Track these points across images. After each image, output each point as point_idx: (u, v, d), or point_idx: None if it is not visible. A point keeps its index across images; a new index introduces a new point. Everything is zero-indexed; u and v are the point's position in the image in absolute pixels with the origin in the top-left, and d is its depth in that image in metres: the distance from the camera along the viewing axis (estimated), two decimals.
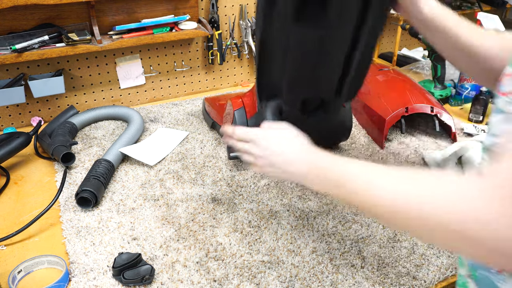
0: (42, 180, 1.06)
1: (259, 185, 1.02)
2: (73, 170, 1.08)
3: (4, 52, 1.15)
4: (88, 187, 0.93)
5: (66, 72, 1.33)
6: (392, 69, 1.43)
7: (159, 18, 1.34)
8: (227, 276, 0.77)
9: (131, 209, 0.95)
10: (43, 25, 1.23)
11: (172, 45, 1.45)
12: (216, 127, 1.24)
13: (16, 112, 1.32)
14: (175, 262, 0.80)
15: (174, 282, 0.76)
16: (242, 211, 0.94)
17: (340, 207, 0.95)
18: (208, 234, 0.87)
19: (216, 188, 1.02)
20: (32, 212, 0.94)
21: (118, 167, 1.09)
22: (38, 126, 1.14)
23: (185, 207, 0.95)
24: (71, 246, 0.84)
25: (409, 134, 1.24)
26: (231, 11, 1.50)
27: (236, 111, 1.07)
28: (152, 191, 1.00)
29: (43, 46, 1.19)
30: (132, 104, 1.47)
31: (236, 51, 1.56)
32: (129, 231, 0.88)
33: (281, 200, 0.97)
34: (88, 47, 1.22)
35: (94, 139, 1.22)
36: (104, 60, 1.37)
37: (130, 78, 1.43)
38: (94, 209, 0.94)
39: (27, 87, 1.23)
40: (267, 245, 0.84)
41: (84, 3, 1.24)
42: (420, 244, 0.85)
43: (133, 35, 1.30)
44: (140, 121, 1.25)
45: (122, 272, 0.75)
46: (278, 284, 0.76)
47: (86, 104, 1.41)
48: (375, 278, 0.78)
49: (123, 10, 1.31)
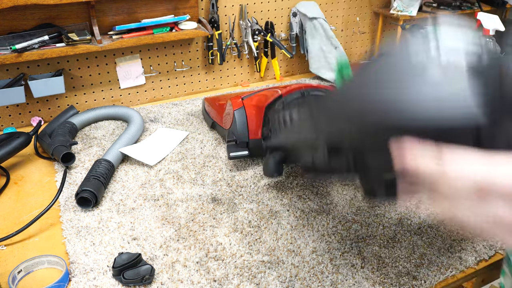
0: (42, 180, 1.06)
1: (259, 185, 1.02)
2: (73, 170, 1.08)
3: (4, 52, 1.15)
4: (88, 187, 0.93)
5: (66, 72, 1.33)
6: None
7: (159, 18, 1.34)
8: (227, 276, 0.77)
9: (131, 209, 0.95)
10: (43, 25, 1.23)
11: (172, 45, 1.45)
12: (216, 127, 1.24)
13: (16, 112, 1.32)
14: (175, 262, 0.80)
15: (174, 282, 0.76)
16: (242, 211, 0.94)
17: (340, 207, 0.95)
18: (208, 234, 0.87)
19: (216, 188, 1.02)
20: (32, 212, 0.94)
21: (118, 167, 1.09)
22: (38, 126, 1.14)
23: (185, 207, 0.95)
24: (71, 246, 0.84)
25: None
26: (231, 11, 1.50)
27: (236, 111, 1.07)
28: (152, 191, 1.00)
29: (43, 46, 1.19)
30: (132, 104, 1.47)
31: (236, 51, 1.56)
32: (129, 231, 0.88)
33: (281, 200, 0.97)
34: (88, 47, 1.22)
35: (94, 139, 1.22)
36: (104, 60, 1.37)
37: (130, 78, 1.43)
38: (94, 209, 0.94)
39: (27, 87, 1.23)
40: (267, 245, 0.84)
41: (84, 3, 1.24)
42: (420, 244, 0.85)
43: (133, 35, 1.30)
44: (140, 121, 1.25)
45: (122, 272, 0.75)
46: (278, 284, 0.76)
47: (86, 104, 1.41)
48: (375, 278, 0.78)
49: (123, 10, 1.31)
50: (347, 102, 0.51)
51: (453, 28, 0.45)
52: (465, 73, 0.41)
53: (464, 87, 0.40)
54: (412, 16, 1.65)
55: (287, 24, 1.63)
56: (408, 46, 0.45)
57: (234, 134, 1.07)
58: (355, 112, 0.49)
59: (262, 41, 1.58)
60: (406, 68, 0.45)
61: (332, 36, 1.61)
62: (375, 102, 0.45)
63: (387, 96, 0.44)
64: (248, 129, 1.06)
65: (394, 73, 0.45)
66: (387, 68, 0.47)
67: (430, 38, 0.44)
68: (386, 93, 0.44)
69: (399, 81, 0.44)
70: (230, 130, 1.09)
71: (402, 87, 0.43)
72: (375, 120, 0.45)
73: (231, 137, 1.08)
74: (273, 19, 1.58)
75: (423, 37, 0.44)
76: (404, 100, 0.42)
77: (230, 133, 1.09)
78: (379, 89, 0.46)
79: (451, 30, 0.45)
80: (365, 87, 0.48)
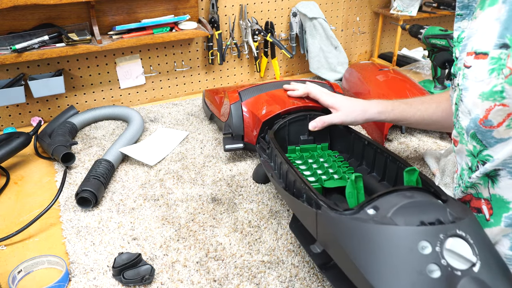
0: (42, 180, 1.06)
1: (259, 185, 1.02)
2: (73, 170, 1.08)
3: (4, 52, 1.15)
4: (88, 187, 0.93)
5: (66, 72, 1.33)
6: (392, 69, 1.43)
7: (159, 18, 1.34)
8: (227, 276, 0.77)
9: (131, 209, 0.95)
10: (43, 25, 1.23)
11: (172, 45, 1.45)
12: (215, 119, 1.26)
13: (16, 112, 1.32)
14: (175, 262, 0.80)
15: (174, 282, 0.76)
16: (242, 211, 0.94)
17: None
18: (208, 234, 0.87)
19: (216, 188, 1.02)
20: (32, 212, 0.94)
21: (118, 167, 1.09)
22: (38, 126, 1.14)
23: (185, 207, 0.95)
24: (71, 246, 0.84)
25: (409, 134, 1.24)
26: (231, 11, 1.50)
27: (232, 105, 1.08)
28: (152, 191, 1.00)
29: (43, 46, 1.19)
30: (132, 104, 1.47)
31: (236, 51, 1.56)
32: (129, 231, 0.88)
33: (281, 200, 0.97)
34: (88, 47, 1.22)
35: (94, 139, 1.22)
36: (104, 60, 1.37)
37: (130, 78, 1.43)
38: (94, 209, 0.94)
39: (27, 87, 1.23)
40: (267, 245, 0.84)
41: (84, 3, 1.24)
42: None
43: (133, 35, 1.30)
44: (140, 121, 1.25)
45: (122, 272, 0.75)
46: (278, 284, 0.76)
47: (86, 104, 1.41)
48: None
49: (123, 10, 1.31)
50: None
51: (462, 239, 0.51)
52: (456, 283, 0.47)
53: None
54: (412, 16, 1.65)
55: (287, 24, 1.63)
56: (420, 232, 0.50)
57: (230, 127, 1.09)
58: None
59: (262, 41, 1.58)
60: (410, 254, 0.49)
61: (332, 36, 1.61)
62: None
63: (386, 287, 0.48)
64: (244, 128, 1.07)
65: (398, 254, 0.49)
66: (394, 243, 0.50)
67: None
68: (386, 282, 0.48)
69: (400, 266, 0.48)
70: (227, 123, 1.11)
71: (402, 277, 0.48)
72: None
73: (227, 129, 1.10)
74: (273, 19, 1.58)
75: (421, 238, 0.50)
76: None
77: (227, 126, 1.11)
78: (379, 269, 0.50)
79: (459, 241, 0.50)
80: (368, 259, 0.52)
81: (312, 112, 0.99)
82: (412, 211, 0.54)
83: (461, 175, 0.75)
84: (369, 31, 1.84)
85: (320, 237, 0.64)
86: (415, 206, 0.55)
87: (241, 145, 1.07)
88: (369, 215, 0.56)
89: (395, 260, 0.49)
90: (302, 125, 0.98)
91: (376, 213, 0.56)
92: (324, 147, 0.97)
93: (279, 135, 0.97)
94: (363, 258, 0.51)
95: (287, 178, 0.80)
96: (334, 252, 0.60)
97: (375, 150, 0.85)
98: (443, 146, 1.18)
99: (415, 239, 0.49)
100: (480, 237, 0.52)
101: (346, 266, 0.56)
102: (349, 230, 0.55)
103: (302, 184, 0.72)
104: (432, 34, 1.39)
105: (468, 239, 0.50)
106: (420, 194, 0.58)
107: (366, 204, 0.58)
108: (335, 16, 1.71)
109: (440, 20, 1.97)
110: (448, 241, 0.49)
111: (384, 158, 0.81)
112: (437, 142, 1.20)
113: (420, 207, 0.55)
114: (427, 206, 0.56)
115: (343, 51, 1.66)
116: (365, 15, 1.79)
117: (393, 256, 0.49)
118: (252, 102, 1.08)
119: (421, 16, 1.69)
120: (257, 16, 1.55)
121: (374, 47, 1.87)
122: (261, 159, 0.94)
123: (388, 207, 0.55)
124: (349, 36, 1.80)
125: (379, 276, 0.49)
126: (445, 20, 1.99)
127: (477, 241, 0.51)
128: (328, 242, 0.61)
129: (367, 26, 1.82)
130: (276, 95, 1.08)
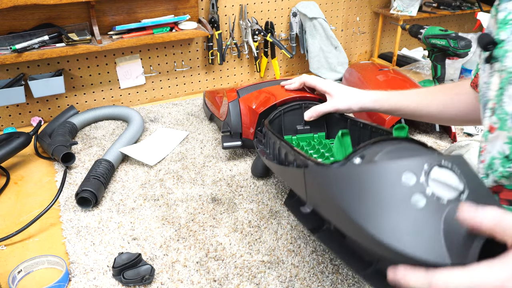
0: (42, 180, 1.06)
1: (259, 185, 1.02)
2: (73, 170, 1.08)
3: (4, 52, 1.15)
4: (88, 187, 0.93)
5: (66, 72, 1.33)
6: (392, 69, 1.43)
7: (159, 18, 1.34)
8: (227, 276, 0.77)
9: (131, 209, 0.95)
10: (43, 25, 1.23)
11: (172, 45, 1.45)
12: (215, 119, 1.27)
13: (16, 112, 1.32)
14: (175, 262, 0.80)
15: (174, 282, 0.76)
16: (242, 211, 0.94)
17: None
18: (208, 234, 0.87)
19: (216, 188, 1.02)
20: (32, 212, 0.94)
21: (118, 167, 1.09)
22: (38, 126, 1.14)
23: (185, 207, 0.95)
24: (71, 246, 0.84)
25: (409, 134, 1.24)
26: (231, 11, 1.50)
27: (231, 103, 1.09)
28: (152, 191, 1.00)
29: (43, 46, 1.19)
30: (132, 104, 1.47)
31: (236, 51, 1.56)
32: (129, 231, 0.88)
33: (281, 200, 0.97)
34: (88, 47, 1.22)
35: (94, 139, 1.22)
36: (104, 60, 1.37)
37: (130, 78, 1.43)
38: (94, 209, 0.94)
39: (27, 87, 1.23)
40: (267, 245, 0.84)
41: (84, 3, 1.24)
42: None
43: (133, 35, 1.30)
44: (140, 121, 1.25)
45: (122, 272, 0.75)
46: (278, 284, 0.76)
47: (86, 104, 1.41)
48: None
49: (123, 10, 1.31)
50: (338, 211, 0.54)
51: (445, 163, 0.49)
52: (443, 211, 0.46)
53: (439, 230, 0.45)
54: (412, 16, 1.65)
55: (287, 24, 1.63)
56: (403, 165, 0.49)
57: (229, 125, 1.09)
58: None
59: (262, 41, 1.58)
60: (394, 187, 0.48)
61: (332, 36, 1.61)
62: (362, 231, 0.48)
63: (374, 224, 0.47)
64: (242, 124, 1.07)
65: (382, 190, 0.49)
66: (378, 180, 0.50)
67: (425, 164, 0.49)
68: (373, 220, 0.48)
69: (385, 201, 0.48)
70: (225, 122, 1.12)
71: (388, 211, 0.47)
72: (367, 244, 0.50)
73: (226, 128, 1.10)
74: (273, 19, 1.58)
75: (419, 163, 0.49)
76: (388, 231, 0.46)
77: (225, 124, 1.11)
78: (366, 209, 0.49)
79: (444, 168, 0.49)
80: (355, 198, 0.51)
81: (306, 101, 0.99)
82: (398, 155, 0.53)
83: (490, 164, 0.71)
84: (369, 31, 1.84)
85: (309, 196, 0.63)
86: (401, 150, 0.54)
87: (239, 143, 1.08)
88: (355, 164, 0.56)
89: (380, 196, 0.48)
90: (297, 114, 0.98)
91: (362, 161, 0.56)
92: (321, 137, 0.97)
93: (275, 126, 0.98)
94: (350, 202, 0.50)
95: (279, 155, 0.80)
96: (323, 207, 0.59)
97: (370, 130, 0.86)
98: (443, 146, 1.18)
99: (398, 171, 0.48)
100: (466, 168, 0.51)
101: (335, 217, 0.56)
102: (335, 179, 0.54)
103: (292, 152, 0.72)
104: (432, 34, 1.39)
105: (455, 169, 0.49)
106: (407, 142, 0.57)
107: (352, 155, 0.57)
108: (335, 16, 1.71)
109: (440, 20, 1.97)
110: (433, 171, 0.48)
111: (379, 134, 0.83)
112: (437, 142, 1.20)
113: (407, 150, 0.54)
114: (414, 150, 0.55)
115: (343, 51, 1.66)
116: (365, 15, 1.79)
117: (378, 193, 0.49)
118: (248, 98, 1.09)
119: (421, 16, 1.69)
120: (257, 16, 1.55)
121: (374, 47, 1.87)
122: (257, 150, 0.95)
123: (374, 153, 0.55)
124: (349, 36, 1.80)
125: (366, 215, 0.48)
126: (445, 20, 1.99)
127: (464, 172, 0.50)
128: (317, 198, 0.60)
129: (367, 26, 1.82)
130: (273, 89, 1.09)
